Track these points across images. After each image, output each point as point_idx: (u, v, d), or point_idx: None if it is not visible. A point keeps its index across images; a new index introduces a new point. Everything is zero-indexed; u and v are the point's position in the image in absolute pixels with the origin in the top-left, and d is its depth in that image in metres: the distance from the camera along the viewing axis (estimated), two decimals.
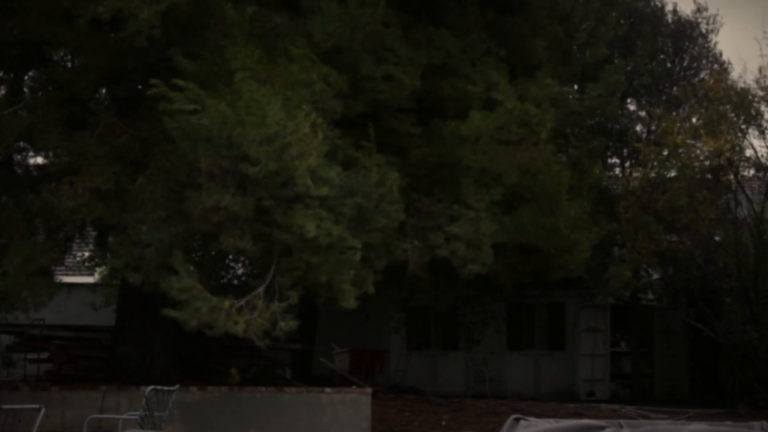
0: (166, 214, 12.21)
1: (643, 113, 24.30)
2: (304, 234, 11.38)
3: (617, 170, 24.22)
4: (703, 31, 23.90)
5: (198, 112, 11.14)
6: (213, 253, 20.16)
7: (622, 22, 21.37)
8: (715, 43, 24.10)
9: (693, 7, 29.87)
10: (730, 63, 24.14)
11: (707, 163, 19.81)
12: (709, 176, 20.25)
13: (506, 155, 13.12)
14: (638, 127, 24.42)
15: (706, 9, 23.95)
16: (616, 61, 17.80)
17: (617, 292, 24.42)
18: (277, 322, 11.62)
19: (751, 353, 20.16)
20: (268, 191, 11.43)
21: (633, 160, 23.00)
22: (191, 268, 11.73)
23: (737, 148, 19.94)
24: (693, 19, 23.92)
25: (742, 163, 20.65)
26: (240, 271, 23.19)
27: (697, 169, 19.96)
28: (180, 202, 12.05)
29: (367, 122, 12.39)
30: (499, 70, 13.45)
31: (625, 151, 24.02)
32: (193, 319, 11.35)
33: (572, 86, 16.52)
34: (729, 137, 19.54)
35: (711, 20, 23.90)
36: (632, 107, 24.55)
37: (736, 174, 20.66)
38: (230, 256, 22.75)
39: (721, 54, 24.01)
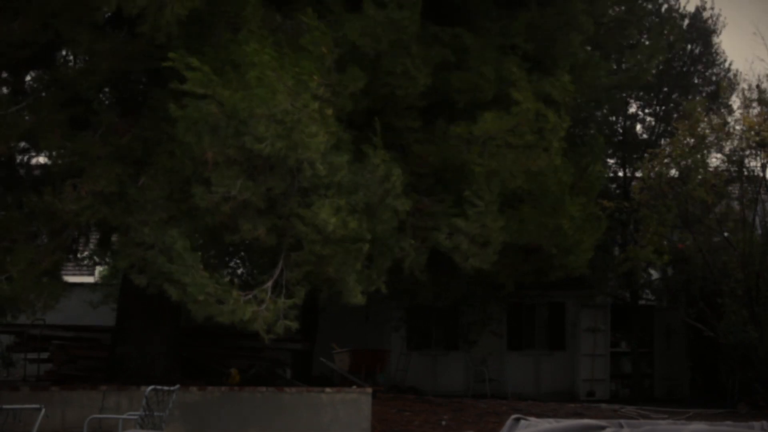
0: (168, 215, 12.14)
1: (646, 115, 24.31)
2: (321, 226, 11.27)
3: (613, 170, 24.21)
4: (708, 29, 23.87)
5: (207, 97, 10.98)
6: (215, 251, 20.12)
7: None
8: (719, 42, 24.19)
9: (696, 5, 29.85)
10: (737, 72, 24.01)
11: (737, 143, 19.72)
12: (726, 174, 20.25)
13: (515, 159, 12.91)
14: (638, 128, 24.43)
15: (712, 8, 24.01)
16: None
17: (617, 292, 24.42)
18: (279, 318, 11.54)
19: (751, 353, 20.15)
20: (279, 178, 11.32)
21: (635, 162, 22.94)
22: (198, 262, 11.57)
23: None
24: (698, 19, 23.88)
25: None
26: (240, 271, 23.16)
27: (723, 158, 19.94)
28: (184, 201, 11.98)
29: (370, 119, 12.29)
30: (519, 67, 13.12)
31: (625, 154, 24.01)
32: (200, 310, 11.27)
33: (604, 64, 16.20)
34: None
35: (714, 20, 23.92)
36: (632, 109, 24.56)
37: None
38: (231, 258, 22.77)
39: (724, 53, 24.09)
